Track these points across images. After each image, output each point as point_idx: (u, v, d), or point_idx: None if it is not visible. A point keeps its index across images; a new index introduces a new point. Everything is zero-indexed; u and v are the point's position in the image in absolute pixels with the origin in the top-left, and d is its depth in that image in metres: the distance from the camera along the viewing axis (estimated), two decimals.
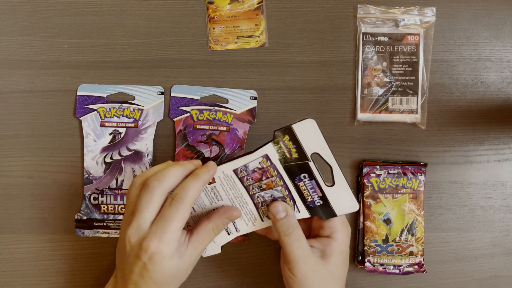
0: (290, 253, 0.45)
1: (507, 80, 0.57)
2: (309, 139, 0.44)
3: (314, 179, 0.45)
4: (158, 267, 0.41)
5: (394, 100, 0.56)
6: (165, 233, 0.41)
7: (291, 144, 0.45)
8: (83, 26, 0.57)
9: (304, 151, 0.45)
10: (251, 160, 0.46)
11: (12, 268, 0.56)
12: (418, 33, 0.56)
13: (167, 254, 0.41)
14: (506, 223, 0.56)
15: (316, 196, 0.46)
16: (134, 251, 0.42)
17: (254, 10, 0.57)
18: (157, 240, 0.41)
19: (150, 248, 0.41)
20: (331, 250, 0.46)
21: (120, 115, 0.56)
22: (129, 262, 0.42)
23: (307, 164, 0.45)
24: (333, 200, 0.46)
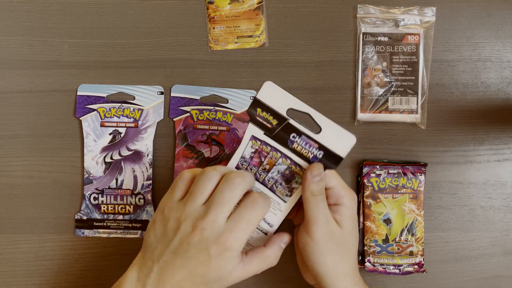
0: (314, 214, 0.44)
1: (507, 80, 0.57)
2: (277, 100, 0.45)
3: (303, 134, 0.45)
4: (221, 265, 0.41)
5: (394, 100, 0.56)
6: (243, 233, 0.42)
7: (266, 114, 0.45)
8: (83, 26, 0.57)
9: (278, 113, 0.45)
10: (244, 148, 0.46)
11: (12, 268, 0.56)
12: (418, 33, 0.56)
13: (235, 255, 0.42)
14: (506, 223, 0.56)
15: (314, 149, 0.45)
16: (203, 244, 0.41)
17: (254, 10, 0.57)
18: (233, 238, 0.41)
19: (226, 244, 0.41)
20: (342, 216, 0.46)
21: (120, 115, 0.56)
22: (188, 255, 0.41)
23: (288, 123, 0.45)
24: (330, 144, 0.45)
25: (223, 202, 0.42)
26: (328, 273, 0.46)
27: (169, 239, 0.42)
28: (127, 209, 0.56)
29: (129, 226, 0.56)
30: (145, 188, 0.56)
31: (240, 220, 0.42)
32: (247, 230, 0.42)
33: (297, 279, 0.56)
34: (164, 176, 0.56)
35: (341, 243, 0.46)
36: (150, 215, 0.56)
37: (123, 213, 0.56)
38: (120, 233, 0.56)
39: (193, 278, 0.42)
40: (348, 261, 0.47)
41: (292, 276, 0.56)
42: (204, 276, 0.42)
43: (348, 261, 0.47)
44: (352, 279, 0.47)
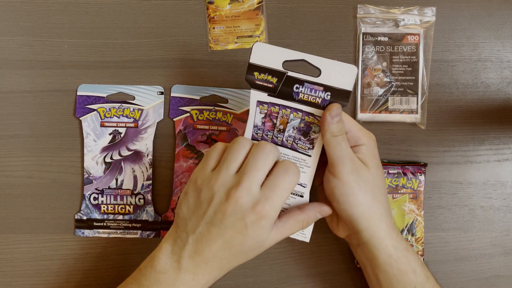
0: (338, 154, 0.43)
1: (507, 80, 0.57)
2: (270, 58, 0.44)
3: (305, 81, 0.45)
4: (258, 233, 0.41)
5: (394, 100, 0.56)
6: (278, 201, 0.41)
7: (264, 75, 0.45)
8: (83, 26, 0.57)
9: (275, 70, 0.45)
10: (254, 117, 0.46)
11: (12, 268, 0.56)
12: (418, 33, 0.56)
13: (271, 222, 0.41)
14: (506, 223, 0.56)
15: (320, 92, 0.45)
16: (239, 213, 0.41)
17: (254, 10, 0.57)
18: (269, 206, 0.41)
19: (262, 212, 0.41)
20: (364, 155, 0.45)
21: (120, 115, 0.56)
22: (224, 225, 0.41)
23: (288, 76, 0.45)
24: (334, 82, 0.44)
25: (257, 169, 0.41)
26: (362, 213, 0.44)
27: (203, 210, 0.42)
28: (127, 209, 0.56)
29: (129, 226, 0.56)
30: (145, 188, 0.56)
31: (275, 188, 0.41)
32: (282, 197, 0.42)
33: (297, 279, 0.56)
34: (164, 176, 0.56)
35: (369, 181, 0.44)
36: (150, 215, 0.56)
37: (123, 213, 0.56)
38: (120, 233, 0.56)
39: (230, 247, 0.42)
40: (380, 201, 0.45)
41: (292, 276, 0.56)
42: (241, 245, 0.42)
43: (380, 200, 0.45)
44: (388, 220, 0.46)
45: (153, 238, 0.56)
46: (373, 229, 0.45)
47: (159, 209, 0.56)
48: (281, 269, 0.56)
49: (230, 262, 0.43)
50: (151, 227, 0.56)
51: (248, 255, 0.43)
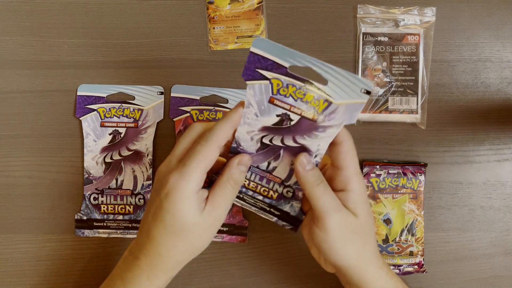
0: (322, 206, 0.40)
1: (507, 80, 0.57)
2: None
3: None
4: (172, 206, 0.39)
5: (394, 100, 0.56)
6: (186, 168, 0.39)
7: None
8: (83, 26, 0.57)
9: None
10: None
11: (12, 268, 0.56)
12: (418, 33, 0.56)
13: (184, 193, 0.39)
14: (506, 223, 0.56)
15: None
16: (156, 186, 0.41)
17: (254, 10, 0.57)
18: (177, 174, 0.39)
19: (169, 182, 0.39)
20: (354, 202, 0.41)
21: (120, 115, 0.56)
22: (149, 201, 0.42)
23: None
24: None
25: (177, 146, 0.42)
26: (351, 264, 0.42)
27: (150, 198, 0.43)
28: (127, 209, 0.56)
29: (129, 226, 0.56)
30: (145, 188, 0.56)
31: (184, 158, 0.40)
32: (191, 165, 0.39)
33: (297, 279, 0.56)
34: None
35: (358, 230, 0.42)
36: None
37: (123, 213, 0.56)
38: (120, 233, 0.56)
39: (157, 223, 0.40)
40: (370, 248, 0.43)
41: (292, 276, 0.56)
42: (163, 220, 0.40)
43: (370, 247, 0.43)
44: (377, 261, 0.44)
45: None
46: (362, 274, 0.43)
47: None
48: (281, 269, 0.56)
49: (168, 247, 0.41)
50: None
51: (182, 237, 0.41)
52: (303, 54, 0.38)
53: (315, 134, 0.41)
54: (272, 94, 0.40)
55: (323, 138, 0.41)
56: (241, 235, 0.56)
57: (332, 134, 0.40)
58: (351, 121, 0.40)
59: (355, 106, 0.39)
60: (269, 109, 0.41)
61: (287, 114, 0.41)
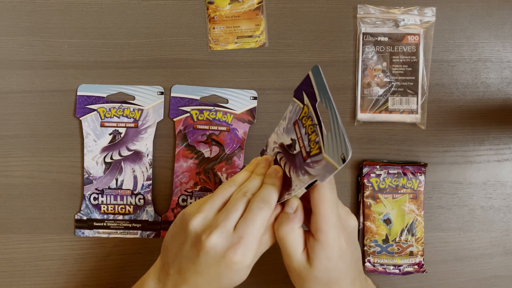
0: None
1: (507, 80, 0.57)
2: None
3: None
4: (232, 274, 0.40)
5: (394, 100, 0.56)
6: (251, 245, 0.40)
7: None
8: (83, 26, 0.57)
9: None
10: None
11: (12, 268, 0.56)
12: (418, 33, 0.56)
13: (246, 265, 0.40)
14: (506, 223, 0.56)
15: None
16: (213, 254, 0.40)
17: (254, 10, 0.57)
18: (241, 251, 0.39)
19: (234, 259, 0.39)
20: (314, 254, 0.41)
21: (120, 115, 0.56)
22: (200, 261, 0.40)
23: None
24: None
25: (233, 210, 0.40)
26: None
27: (181, 241, 0.41)
28: (127, 209, 0.56)
29: (129, 226, 0.56)
30: (145, 188, 0.56)
31: (244, 235, 0.39)
32: (254, 240, 0.40)
33: None
34: (164, 176, 0.56)
35: (309, 279, 0.41)
36: (150, 215, 0.56)
37: (123, 213, 0.56)
38: (120, 233, 0.56)
39: (207, 283, 0.41)
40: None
41: None
42: (218, 281, 0.41)
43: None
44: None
45: (153, 238, 0.56)
46: None
47: (159, 209, 0.56)
48: (281, 269, 0.56)
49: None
50: (151, 227, 0.56)
51: (228, 286, 0.42)
52: (332, 100, 0.38)
53: (299, 173, 0.40)
54: (298, 118, 0.41)
55: (300, 181, 0.40)
56: None
57: (305, 182, 0.39)
58: (321, 179, 0.38)
59: (331, 167, 0.37)
60: (291, 130, 0.42)
61: (295, 141, 0.41)
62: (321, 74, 0.39)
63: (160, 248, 0.46)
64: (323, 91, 0.39)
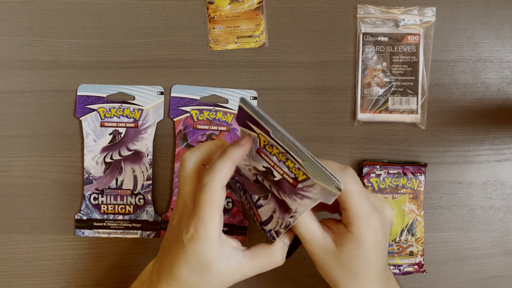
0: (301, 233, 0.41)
1: (507, 80, 0.57)
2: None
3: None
4: (197, 251, 0.39)
5: (394, 100, 0.56)
6: (202, 218, 0.38)
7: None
8: (83, 26, 0.57)
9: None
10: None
11: (12, 268, 0.56)
12: (418, 33, 0.56)
13: (207, 238, 0.39)
14: (506, 223, 0.56)
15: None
16: (178, 228, 0.41)
17: (254, 10, 0.57)
18: (196, 220, 0.39)
19: (190, 227, 0.39)
20: (344, 240, 0.40)
21: (120, 115, 0.56)
22: (173, 237, 0.41)
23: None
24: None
25: (181, 188, 0.42)
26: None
27: (170, 223, 0.44)
28: (127, 209, 0.56)
29: (129, 226, 0.56)
30: (145, 188, 0.56)
31: (195, 207, 0.39)
32: (204, 214, 0.38)
33: (297, 279, 0.56)
34: (164, 176, 0.56)
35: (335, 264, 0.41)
36: (150, 215, 0.56)
37: (123, 213, 0.56)
38: (120, 233, 0.56)
39: (177, 261, 0.41)
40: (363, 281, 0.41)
41: (292, 276, 0.56)
42: (186, 262, 0.40)
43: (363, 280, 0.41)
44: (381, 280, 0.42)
45: (153, 238, 0.56)
46: None
47: (159, 209, 0.56)
48: (281, 269, 0.55)
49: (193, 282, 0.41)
50: (151, 227, 0.56)
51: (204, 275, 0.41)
52: (282, 132, 0.36)
53: (294, 198, 0.39)
54: (260, 147, 0.39)
55: (300, 204, 0.39)
56: (241, 235, 0.56)
57: (309, 205, 0.38)
58: (327, 201, 0.37)
59: (330, 192, 0.37)
60: (257, 158, 0.40)
61: (271, 169, 0.39)
62: (252, 105, 0.37)
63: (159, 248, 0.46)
64: (266, 122, 0.37)
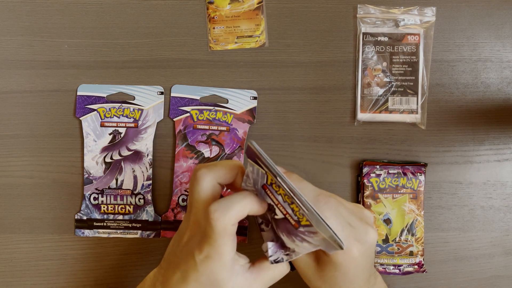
0: None
1: (507, 80, 0.57)
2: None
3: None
4: (209, 271, 0.39)
5: (394, 100, 0.56)
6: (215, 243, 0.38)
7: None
8: (83, 26, 0.57)
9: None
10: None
11: (12, 268, 0.56)
12: (418, 33, 0.56)
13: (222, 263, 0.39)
14: (506, 223, 0.56)
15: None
16: (190, 248, 0.40)
17: (254, 10, 0.57)
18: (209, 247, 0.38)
19: (204, 250, 0.39)
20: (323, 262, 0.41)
21: (120, 115, 0.56)
22: (180, 256, 0.41)
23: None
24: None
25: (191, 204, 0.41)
26: None
27: (174, 240, 0.43)
28: (127, 209, 0.56)
29: (129, 226, 0.56)
30: (145, 188, 0.56)
31: (211, 235, 0.38)
32: (225, 244, 0.38)
33: (297, 279, 0.56)
34: (164, 176, 0.56)
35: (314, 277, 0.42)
36: (150, 215, 0.56)
37: (123, 213, 0.56)
38: (120, 233, 0.56)
39: (186, 281, 0.40)
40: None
41: (292, 276, 0.56)
42: (196, 280, 0.40)
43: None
44: None
45: (153, 238, 0.56)
46: None
47: (159, 209, 0.56)
48: None
49: None
50: (151, 227, 0.56)
51: None
52: (287, 183, 0.36)
53: (293, 239, 0.38)
54: (266, 183, 0.38)
55: (299, 246, 0.38)
56: (241, 235, 0.56)
57: (308, 249, 0.38)
58: (328, 251, 0.37)
59: (332, 246, 0.36)
60: (262, 192, 0.39)
61: (273, 207, 0.39)
62: (260, 150, 0.37)
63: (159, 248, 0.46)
64: (272, 168, 0.36)
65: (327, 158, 0.56)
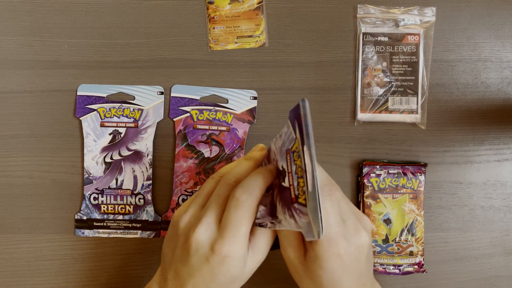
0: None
1: (507, 80, 0.57)
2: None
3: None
4: (226, 270, 0.39)
5: (394, 100, 0.56)
6: (237, 236, 0.38)
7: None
8: (83, 26, 0.57)
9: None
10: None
11: (12, 268, 0.56)
12: (418, 33, 0.56)
13: (238, 257, 0.39)
14: (506, 223, 0.56)
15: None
16: (201, 252, 0.39)
17: (254, 10, 0.57)
18: (228, 244, 0.38)
19: (222, 253, 0.38)
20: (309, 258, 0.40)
21: (120, 115, 0.56)
22: (191, 263, 0.39)
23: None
24: None
25: (215, 204, 0.40)
26: None
27: (174, 246, 0.41)
28: (127, 209, 0.56)
29: (129, 226, 0.56)
30: (145, 188, 0.56)
31: (228, 225, 0.38)
32: (241, 232, 0.38)
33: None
34: (164, 176, 0.56)
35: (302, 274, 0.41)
36: (150, 215, 0.56)
37: (123, 213, 0.56)
38: (120, 233, 0.56)
39: (205, 283, 0.40)
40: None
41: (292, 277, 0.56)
42: (213, 281, 0.39)
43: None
44: None
45: (153, 238, 0.56)
46: None
47: (159, 209, 0.56)
48: (281, 269, 0.56)
49: None
50: (151, 227, 0.56)
51: (229, 286, 0.41)
52: (313, 151, 0.35)
53: (285, 210, 0.38)
54: (290, 149, 0.38)
55: (286, 220, 0.37)
56: None
57: (291, 226, 0.37)
58: (306, 236, 0.36)
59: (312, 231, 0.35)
60: (283, 156, 0.39)
61: (285, 173, 0.38)
62: (307, 112, 0.36)
63: (159, 248, 0.46)
64: (308, 135, 0.36)
65: (327, 158, 0.56)
